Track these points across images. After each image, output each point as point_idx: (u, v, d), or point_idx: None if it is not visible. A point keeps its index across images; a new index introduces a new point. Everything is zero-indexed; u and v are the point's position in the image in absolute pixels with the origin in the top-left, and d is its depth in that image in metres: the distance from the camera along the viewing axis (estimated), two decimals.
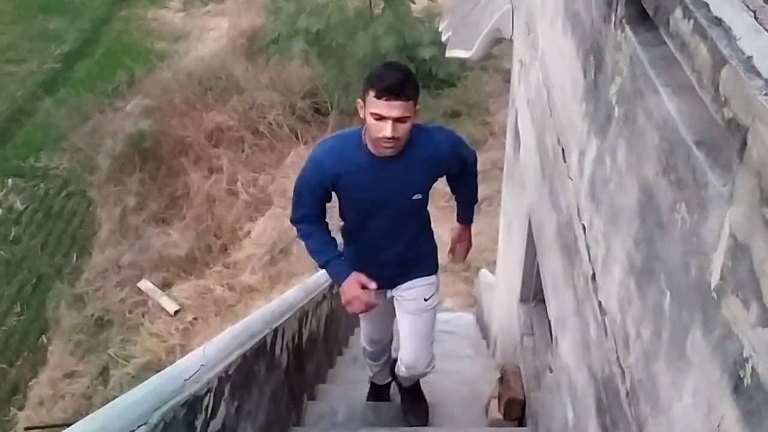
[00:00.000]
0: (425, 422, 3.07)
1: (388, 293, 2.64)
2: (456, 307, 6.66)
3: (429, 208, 2.52)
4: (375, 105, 2.07)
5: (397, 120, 2.08)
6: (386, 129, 2.08)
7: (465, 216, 2.71)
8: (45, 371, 6.85)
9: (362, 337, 2.97)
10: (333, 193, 2.34)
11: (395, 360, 2.96)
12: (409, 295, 2.60)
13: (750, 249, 0.79)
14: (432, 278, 2.63)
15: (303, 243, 2.44)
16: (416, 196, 2.33)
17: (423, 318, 2.63)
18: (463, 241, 2.73)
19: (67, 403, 6.49)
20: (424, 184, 2.34)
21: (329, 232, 2.41)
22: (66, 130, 9.59)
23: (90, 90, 10.33)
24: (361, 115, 2.15)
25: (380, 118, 2.08)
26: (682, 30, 0.98)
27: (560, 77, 2.00)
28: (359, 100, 2.17)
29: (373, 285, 2.33)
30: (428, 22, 9.84)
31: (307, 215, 2.36)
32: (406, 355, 2.67)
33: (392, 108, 2.06)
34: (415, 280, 2.58)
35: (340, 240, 2.52)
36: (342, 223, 2.50)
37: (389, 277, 2.54)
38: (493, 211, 6.82)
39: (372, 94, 2.07)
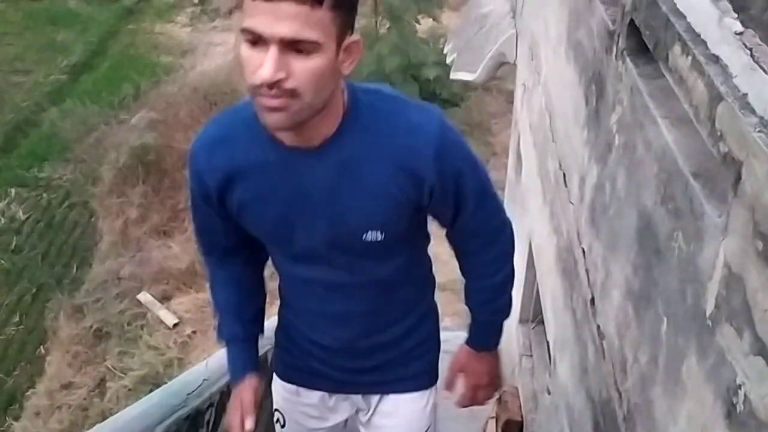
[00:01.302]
0: None
1: (346, 414, 1.51)
2: (455, 326, 6.66)
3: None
4: (249, 13, 0.98)
5: (289, 45, 0.98)
6: (266, 64, 0.97)
7: (477, 335, 1.47)
8: (42, 382, 6.84)
9: None
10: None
11: None
12: (384, 426, 1.49)
13: (743, 279, 0.81)
14: (425, 394, 1.49)
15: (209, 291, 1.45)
16: (370, 235, 1.19)
17: None
18: (469, 374, 1.48)
19: (63, 415, 6.47)
20: (385, 211, 1.19)
21: (253, 283, 1.43)
22: (70, 141, 9.65)
23: (95, 102, 10.41)
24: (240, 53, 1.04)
25: (256, 40, 0.98)
26: (681, 65, 1.01)
27: (562, 103, 2.04)
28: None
29: (249, 425, 1.30)
30: (433, 42, 9.95)
31: (215, 245, 1.38)
32: None
33: (278, 16, 0.95)
34: (393, 399, 1.47)
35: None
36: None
37: (341, 380, 1.45)
38: None
39: None
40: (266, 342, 2.40)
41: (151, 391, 3.90)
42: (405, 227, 1.24)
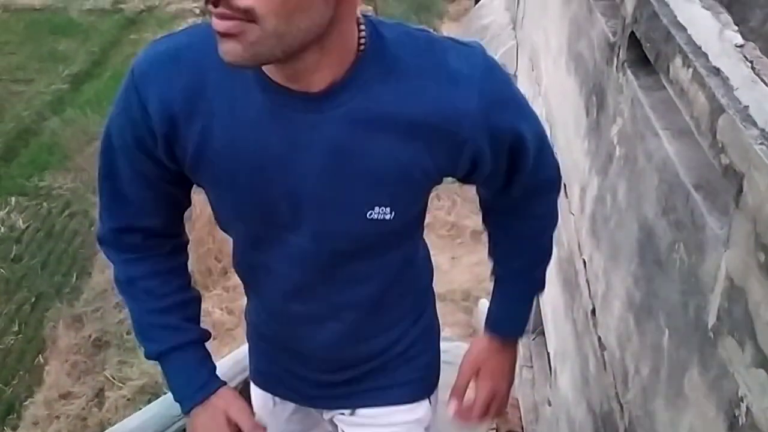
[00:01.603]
0: None
1: (324, 414, 1.20)
2: (454, 336, 6.64)
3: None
4: None
5: None
6: None
7: (504, 315, 1.16)
8: (41, 391, 6.81)
9: None
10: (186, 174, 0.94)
11: None
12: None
13: (745, 291, 0.81)
14: (419, 408, 1.17)
15: (119, 293, 1.05)
16: (376, 212, 0.90)
17: None
18: (487, 376, 1.17)
19: (61, 425, 6.44)
20: (404, 183, 0.90)
21: (181, 277, 1.06)
22: (71, 151, 9.66)
23: (97, 111, 10.41)
24: None
25: None
26: (682, 77, 1.02)
27: (563, 114, 2.05)
28: None
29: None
30: None
31: (134, 222, 1.00)
32: None
33: None
34: (376, 410, 1.14)
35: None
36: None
37: (317, 386, 1.14)
38: None
39: None
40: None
41: (150, 401, 3.88)
42: (419, 208, 0.99)
